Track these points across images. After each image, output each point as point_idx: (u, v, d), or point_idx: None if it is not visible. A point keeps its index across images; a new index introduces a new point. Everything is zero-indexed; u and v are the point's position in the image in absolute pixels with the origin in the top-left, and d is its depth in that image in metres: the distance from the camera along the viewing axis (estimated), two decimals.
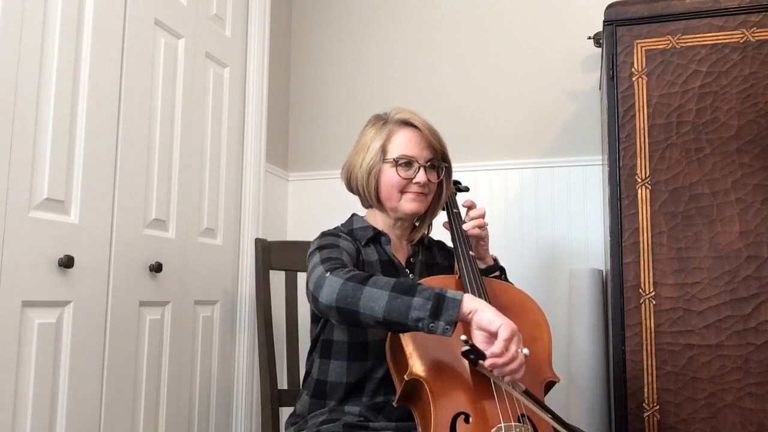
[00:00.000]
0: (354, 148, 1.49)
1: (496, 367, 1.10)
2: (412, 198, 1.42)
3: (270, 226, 2.35)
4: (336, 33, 2.56)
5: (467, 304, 1.14)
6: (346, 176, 1.50)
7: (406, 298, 1.13)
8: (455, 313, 1.12)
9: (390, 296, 1.14)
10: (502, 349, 1.09)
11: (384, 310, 1.14)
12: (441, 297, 1.13)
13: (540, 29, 2.32)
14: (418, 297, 1.13)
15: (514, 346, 1.11)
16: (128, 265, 1.67)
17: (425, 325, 1.12)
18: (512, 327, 1.11)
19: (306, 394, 1.42)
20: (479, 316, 1.13)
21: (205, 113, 2.05)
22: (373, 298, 1.15)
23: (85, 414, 1.52)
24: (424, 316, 1.11)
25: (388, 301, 1.14)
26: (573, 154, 2.24)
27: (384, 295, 1.15)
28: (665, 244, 1.60)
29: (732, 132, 1.60)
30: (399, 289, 1.15)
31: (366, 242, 1.44)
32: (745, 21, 1.62)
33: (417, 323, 1.12)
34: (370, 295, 1.16)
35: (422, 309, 1.12)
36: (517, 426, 1.14)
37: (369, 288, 1.16)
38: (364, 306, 1.16)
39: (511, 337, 1.11)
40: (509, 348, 1.10)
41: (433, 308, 1.12)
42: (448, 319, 1.11)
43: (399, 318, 1.13)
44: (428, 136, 1.43)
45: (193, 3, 2.00)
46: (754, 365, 1.52)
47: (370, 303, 1.15)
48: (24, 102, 1.38)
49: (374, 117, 1.49)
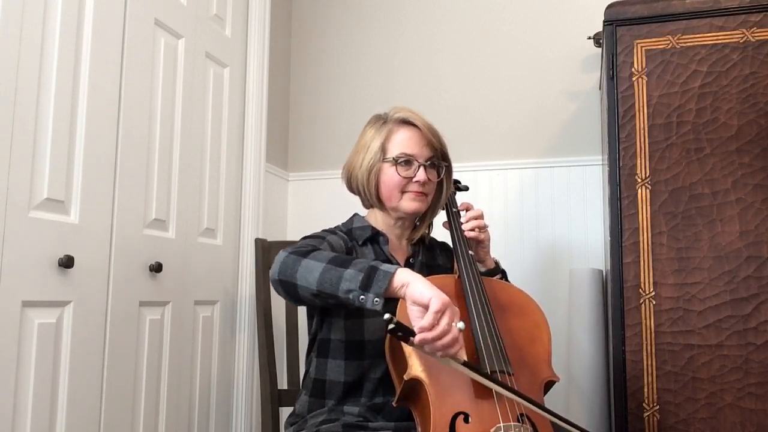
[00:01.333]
0: (354, 148, 1.49)
1: (426, 342, 1.04)
2: (412, 197, 1.42)
3: (270, 226, 2.35)
4: (336, 33, 2.56)
5: (399, 277, 1.10)
6: (346, 176, 1.50)
7: (339, 269, 1.12)
8: (384, 285, 1.09)
9: (324, 267, 1.13)
10: (432, 322, 1.04)
11: (317, 282, 1.13)
12: (373, 269, 1.10)
13: (540, 29, 2.32)
14: (351, 269, 1.11)
15: (447, 318, 1.05)
16: (128, 265, 1.68)
17: (355, 297, 1.09)
18: (443, 299, 1.06)
19: (305, 394, 1.42)
20: (411, 289, 1.08)
21: (205, 113, 2.05)
22: (309, 269, 1.14)
23: (85, 414, 1.52)
24: (354, 288, 1.09)
25: (321, 272, 1.13)
26: (573, 154, 2.24)
27: (319, 267, 1.14)
28: (665, 244, 1.60)
29: (732, 132, 1.60)
30: (336, 261, 1.14)
31: (363, 242, 1.44)
32: (745, 21, 1.62)
33: (348, 295, 1.10)
34: (306, 266, 1.15)
35: (353, 280, 1.10)
36: (516, 426, 1.14)
37: (307, 260, 1.16)
38: (300, 277, 1.15)
39: (442, 309, 1.05)
40: (440, 321, 1.04)
41: (363, 280, 1.09)
42: (377, 290, 1.08)
43: (331, 289, 1.12)
44: (428, 135, 1.43)
45: (193, 3, 2.00)
46: (754, 365, 1.52)
47: (306, 274, 1.14)
48: (24, 102, 1.38)
49: (374, 117, 1.50)
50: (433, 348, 1.05)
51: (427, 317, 1.04)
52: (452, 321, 1.06)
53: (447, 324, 1.05)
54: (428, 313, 1.04)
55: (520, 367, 1.25)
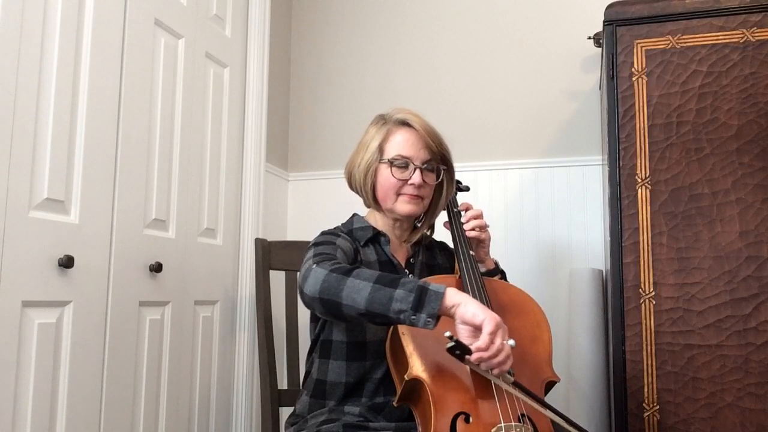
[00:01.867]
0: (356, 147, 1.49)
1: (482, 360, 1.09)
2: (406, 200, 1.41)
3: (270, 226, 2.35)
4: (336, 33, 2.56)
5: (450, 297, 1.12)
6: (347, 175, 1.50)
7: (388, 289, 1.13)
8: (437, 305, 1.11)
9: (373, 288, 1.14)
10: (488, 342, 1.09)
11: (366, 302, 1.13)
12: (423, 289, 1.12)
13: (540, 29, 2.32)
14: (400, 289, 1.12)
15: (499, 338, 1.10)
16: (128, 265, 1.67)
17: (407, 317, 1.11)
18: (496, 319, 1.11)
19: (306, 394, 1.42)
20: (462, 309, 1.12)
21: (205, 113, 2.05)
22: (356, 289, 1.14)
23: (85, 414, 1.52)
24: (406, 308, 1.11)
25: (370, 293, 1.13)
26: (573, 154, 2.24)
27: (367, 287, 1.14)
28: (665, 244, 1.60)
29: (732, 132, 1.60)
30: (382, 281, 1.14)
31: (365, 242, 1.44)
32: (745, 21, 1.62)
33: (399, 315, 1.11)
34: (353, 286, 1.15)
35: (404, 301, 1.11)
36: (517, 426, 1.14)
37: (352, 279, 1.16)
38: (346, 297, 1.15)
39: (495, 330, 1.10)
40: (494, 341, 1.09)
41: (415, 301, 1.11)
42: (430, 311, 1.10)
43: (381, 309, 1.12)
44: (425, 138, 1.41)
45: (193, 3, 2.00)
46: (754, 365, 1.52)
47: (353, 294, 1.14)
48: (24, 102, 1.38)
49: (377, 116, 1.49)
50: (489, 366, 1.11)
51: (482, 338, 1.09)
52: (504, 339, 1.12)
53: (500, 343, 1.10)
54: (484, 335, 1.09)
55: (521, 367, 1.25)
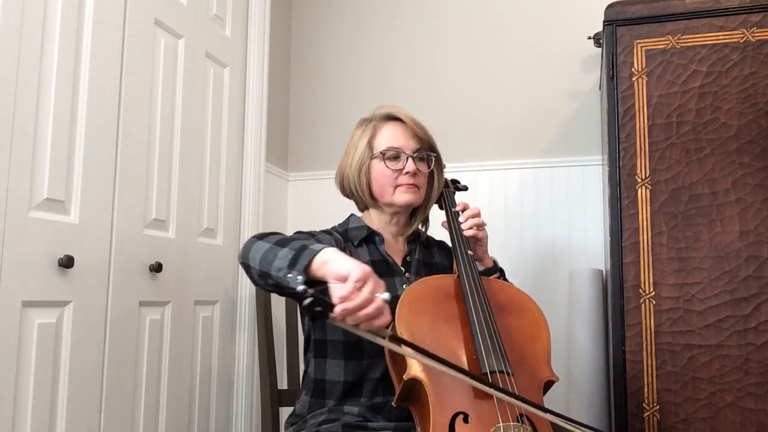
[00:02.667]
0: (344, 152, 1.51)
1: (347, 313, 0.97)
2: (404, 190, 1.43)
3: (270, 226, 2.35)
4: (336, 33, 2.56)
5: (322, 254, 1.07)
6: (339, 181, 1.51)
7: (277, 248, 1.13)
8: (306, 261, 1.07)
9: (268, 248, 1.15)
10: (351, 290, 0.98)
11: (259, 261, 1.14)
12: (303, 247, 1.10)
13: (540, 29, 2.32)
14: (287, 248, 1.12)
15: (369, 286, 1.00)
16: (128, 265, 1.68)
17: (284, 275, 1.08)
18: (365, 269, 1.01)
19: (305, 394, 1.42)
20: (330, 265, 1.04)
21: (205, 113, 2.05)
22: (258, 249, 1.16)
23: (85, 414, 1.52)
24: (284, 266, 1.09)
25: (264, 252, 1.14)
26: (573, 154, 2.24)
27: (265, 247, 1.15)
28: (665, 244, 1.60)
29: (732, 132, 1.60)
30: (280, 242, 1.15)
31: (359, 242, 1.44)
32: (745, 21, 1.62)
33: (279, 272, 1.10)
34: (257, 247, 1.17)
35: (284, 258, 1.10)
36: (515, 426, 1.14)
37: (260, 241, 1.18)
38: (251, 258, 1.17)
39: (363, 278, 1.00)
40: (361, 289, 0.98)
41: (292, 258, 1.08)
42: (300, 267, 1.06)
43: (267, 267, 1.13)
44: (413, 127, 1.44)
45: (193, 3, 2.00)
46: (754, 365, 1.52)
47: (255, 255, 1.16)
48: (24, 102, 1.38)
49: (360, 120, 1.52)
50: (356, 319, 0.98)
51: (345, 286, 0.98)
52: (375, 291, 1.00)
53: (369, 292, 0.99)
54: (347, 282, 0.99)
55: (520, 367, 1.25)
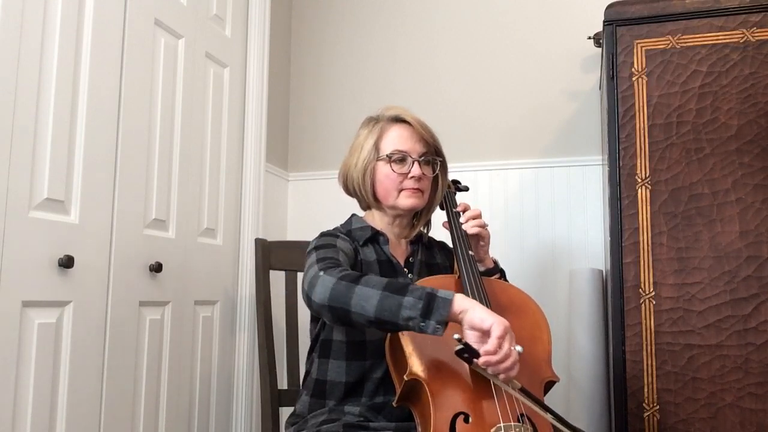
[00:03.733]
0: (348, 151, 1.50)
1: (490, 365, 1.10)
2: (408, 194, 1.43)
3: (270, 226, 2.35)
4: (336, 33, 2.56)
5: (458, 303, 1.13)
6: (342, 179, 1.51)
7: (397, 297, 1.14)
8: (446, 312, 1.12)
9: (381, 295, 1.14)
10: (496, 346, 1.09)
11: (375, 309, 1.14)
12: (432, 296, 1.13)
13: (540, 29, 2.32)
14: (409, 296, 1.13)
15: (507, 343, 1.11)
16: (128, 265, 1.68)
17: (416, 324, 1.12)
18: (504, 324, 1.11)
19: (306, 394, 1.42)
20: (470, 315, 1.12)
21: (205, 113, 2.05)
22: (365, 297, 1.15)
23: (85, 414, 1.52)
24: (415, 316, 1.12)
25: (379, 300, 1.14)
26: (573, 154, 2.24)
27: (376, 294, 1.15)
28: (665, 244, 1.60)
29: (732, 132, 1.60)
30: (391, 288, 1.15)
31: (364, 242, 1.45)
32: (745, 21, 1.62)
33: (408, 322, 1.13)
34: (362, 294, 1.16)
35: (413, 308, 1.12)
36: (516, 426, 1.14)
37: (361, 287, 1.17)
38: (355, 305, 1.16)
39: (503, 335, 1.10)
40: (502, 345, 1.10)
41: (424, 308, 1.12)
42: (439, 318, 1.11)
43: (390, 317, 1.13)
44: (420, 131, 1.44)
45: (193, 3, 2.00)
46: (754, 365, 1.52)
47: (362, 302, 1.15)
48: (24, 102, 1.38)
49: (366, 119, 1.51)
50: (496, 370, 1.11)
51: (490, 342, 1.09)
52: (512, 345, 1.12)
53: (508, 348, 1.11)
54: (492, 338, 1.10)
55: (521, 367, 1.24)
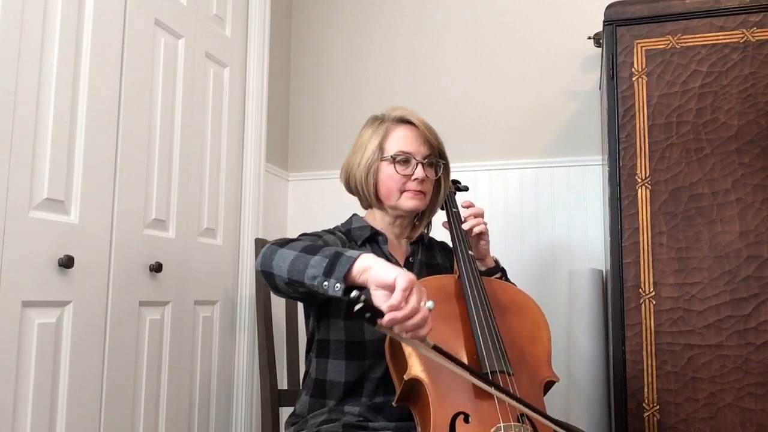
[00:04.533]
0: (352, 149, 1.49)
1: (396, 322, 0.99)
2: (411, 196, 1.43)
3: (270, 226, 2.35)
4: (336, 33, 2.56)
5: (361, 261, 1.07)
6: (344, 177, 1.50)
7: (308, 256, 1.12)
8: (345, 269, 1.06)
9: (296, 255, 1.14)
10: (400, 299, 0.99)
11: (287, 269, 1.14)
12: (337, 254, 1.09)
13: (540, 29, 2.32)
14: (318, 255, 1.11)
15: (415, 296, 1.01)
16: (128, 265, 1.68)
17: (320, 283, 1.08)
18: (410, 277, 1.02)
19: (305, 394, 1.42)
20: (373, 272, 1.04)
21: (205, 113, 2.05)
22: (283, 257, 1.15)
23: (85, 414, 1.52)
24: (318, 274, 1.09)
25: (292, 260, 1.14)
26: (573, 154, 2.24)
27: (291, 254, 1.15)
28: (665, 244, 1.60)
29: (732, 132, 1.60)
30: (307, 249, 1.14)
31: (363, 242, 1.45)
32: (745, 21, 1.62)
33: (313, 281, 1.10)
34: (281, 255, 1.16)
35: (318, 266, 1.09)
36: (516, 426, 1.14)
37: (283, 249, 1.17)
38: (275, 266, 1.16)
39: (409, 287, 1.01)
40: (408, 299, 1.00)
41: (327, 266, 1.08)
42: (338, 275, 1.06)
43: (298, 276, 1.12)
44: (425, 133, 1.44)
45: (193, 3, 2.00)
46: (754, 365, 1.52)
47: (280, 263, 1.15)
48: (24, 102, 1.38)
49: (371, 117, 1.50)
50: (404, 328, 1.00)
51: (395, 295, 1.00)
52: (420, 300, 1.03)
53: (416, 302, 1.01)
54: (396, 291, 1.00)
55: (520, 367, 1.25)
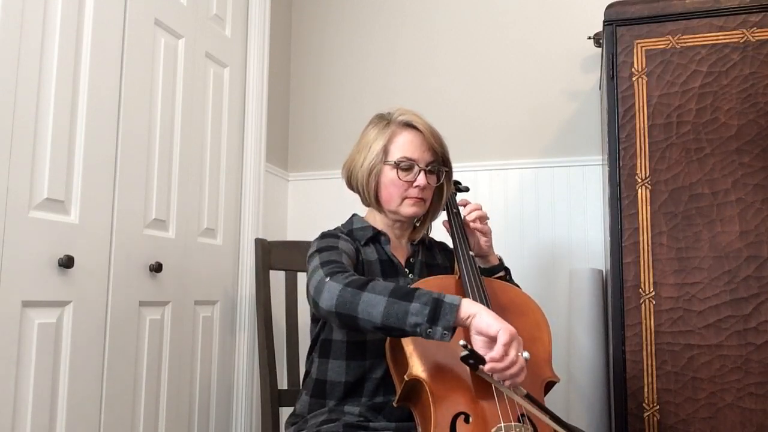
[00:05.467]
0: (356, 146, 1.48)
1: (495, 371, 1.09)
2: (411, 203, 1.42)
3: (270, 226, 2.35)
4: (336, 33, 2.56)
5: (465, 308, 1.13)
6: (346, 174, 1.49)
7: (403, 303, 1.13)
8: (452, 318, 1.11)
9: (388, 302, 1.14)
10: (502, 353, 1.08)
11: (382, 316, 1.14)
12: (438, 302, 1.12)
13: (540, 29, 2.32)
14: (415, 302, 1.13)
15: (514, 350, 1.10)
16: (128, 265, 1.67)
17: (423, 330, 1.11)
18: (511, 331, 1.10)
19: (306, 394, 1.42)
20: (477, 320, 1.12)
21: (205, 113, 2.05)
22: (372, 303, 1.15)
23: (85, 414, 1.52)
24: (422, 322, 1.11)
25: (386, 307, 1.14)
26: (573, 154, 2.24)
27: (382, 301, 1.14)
28: (665, 244, 1.60)
29: (732, 132, 1.60)
30: (397, 294, 1.15)
31: (365, 242, 1.44)
32: (745, 21, 1.62)
33: (415, 329, 1.12)
34: (368, 301, 1.15)
35: (420, 314, 1.11)
36: (517, 426, 1.14)
37: (367, 293, 1.16)
38: (362, 311, 1.15)
39: (510, 341, 1.09)
40: (509, 352, 1.09)
41: (430, 313, 1.11)
42: (446, 324, 1.11)
43: (397, 323, 1.13)
44: (430, 139, 1.43)
45: (193, 3, 2.00)
46: (754, 365, 1.52)
47: (369, 309, 1.15)
48: (24, 102, 1.38)
49: (377, 116, 1.49)
50: (502, 377, 1.11)
51: (496, 348, 1.09)
52: (519, 351, 1.12)
53: (515, 355, 1.10)
54: (498, 345, 1.09)
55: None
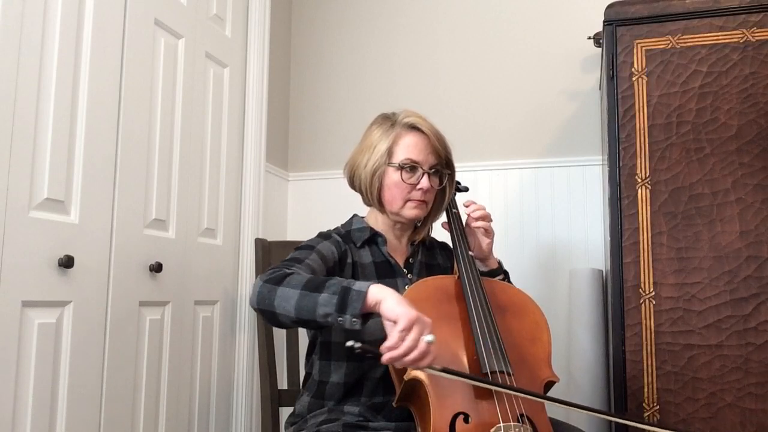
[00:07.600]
0: (359, 146, 1.48)
1: (394, 360, 1.06)
2: (414, 205, 1.42)
3: (270, 226, 2.35)
4: (336, 33, 2.56)
5: (372, 295, 1.11)
6: (349, 174, 1.49)
7: (314, 295, 1.14)
8: (359, 305, 1.10)
9: (300, 294, 1.15)
10: (396, 340, 1.05)
11: (295, 309, 1.14)
12: (346, 290, 1.12)
13: (540, 29, 2.32)
14: (325, 293, 1.13)
15: (413, 334, 1.06)
16: (128, 265, 1.68)
17: (333, 319, 1.11)
18: (410, 316, 1.06)
19: (306, 395, 1.42)
20: (383, 306, 1.10)
21: (205, 113, 2.05)
22: (286, 297, 1.16)
23: (85, 414, 1.52)
24: (331, 312, 1.11)
25: (298, 300, 1.15)
26: (573, 154, 2.24)
27: (295, 294, 1.15)
28: (665, 244, 1.60)
29: (732, 132, 1.60)
30: (309, 286, 1.15)
31: (362, 244, 1.44)
32: (745, 21, 1.62)
33: (326, 318, 1.12)
34: (282, 295, 1.16)
35: (329, 304, 1.12)
36: (516, 426, 1.14)
37: (282, 288, 1.17)
38: (278, 306, 1.16)
39: (409, 327, 1.06)
40: (405, 338, 1.05)
41: (339, 303, 1.11)
42: (353, 312, 1.10)
43: (309, 315, 1.14)
44: (434, 142, 1.43)
45: (193, 3, 2.00)
46: (754, 365, 1.52)
47: (283, 303, 1.16)
48: (24, 102, 1.38)
49: (381, 117, 1.48)
50: (403, 363, 1.07)
51: (391, 337, 1.06)
52: (420, 335, 1.07)
53: (413, 340, 1.06)
54: (393, 332, 1.06)
55: (520, 368, 1.25)
